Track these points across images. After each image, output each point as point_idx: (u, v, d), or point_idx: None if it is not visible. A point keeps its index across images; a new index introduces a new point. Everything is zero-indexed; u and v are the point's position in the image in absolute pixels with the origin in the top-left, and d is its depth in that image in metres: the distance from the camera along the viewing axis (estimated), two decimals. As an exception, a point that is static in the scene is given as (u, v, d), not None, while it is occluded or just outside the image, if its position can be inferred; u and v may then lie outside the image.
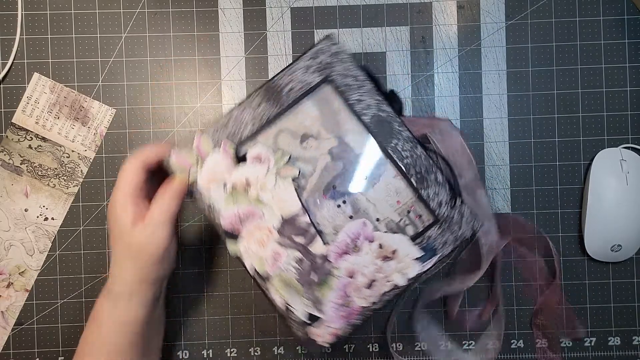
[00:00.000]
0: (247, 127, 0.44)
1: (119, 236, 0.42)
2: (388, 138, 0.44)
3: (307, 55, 0.44)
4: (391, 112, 0.44)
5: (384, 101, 0.44)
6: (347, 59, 0.44)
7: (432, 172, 0.44)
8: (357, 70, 0.44)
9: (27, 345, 0.51)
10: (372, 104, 0.44)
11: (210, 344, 0.51)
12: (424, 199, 0.44)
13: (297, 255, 0.44)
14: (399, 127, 0.44)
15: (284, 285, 0.44)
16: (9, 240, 0.51)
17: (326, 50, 0.44)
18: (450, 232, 0.44)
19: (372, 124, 0.44)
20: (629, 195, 0.49)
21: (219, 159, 0.44)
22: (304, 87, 0.44)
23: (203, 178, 0.43)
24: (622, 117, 0.52)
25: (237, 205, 0.43)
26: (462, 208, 0.44)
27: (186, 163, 0.43)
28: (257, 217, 0.44)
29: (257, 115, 0.44)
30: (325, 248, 0.44)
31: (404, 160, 0.44)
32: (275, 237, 0.44)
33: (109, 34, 0.51)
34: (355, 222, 0.44)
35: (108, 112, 0.51)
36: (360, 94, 0.44)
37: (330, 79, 0.44)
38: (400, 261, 0.43)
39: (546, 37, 0.52)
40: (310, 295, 0.44)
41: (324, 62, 0.44)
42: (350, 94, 0.44)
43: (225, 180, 0.44)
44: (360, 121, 0.44)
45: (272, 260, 0.44)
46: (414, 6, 0.52)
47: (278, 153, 0.44)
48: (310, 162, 0.45)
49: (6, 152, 0.51)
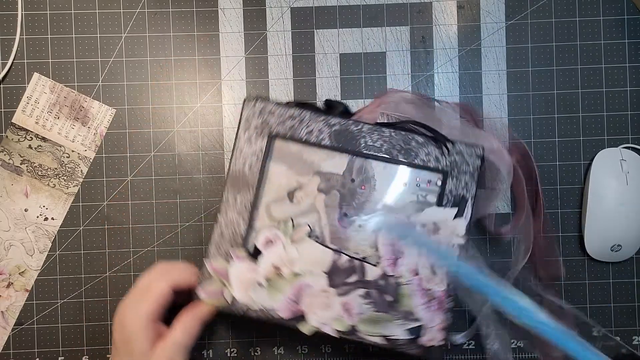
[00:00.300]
0: (240, 223, 0.44)
1: (130, 355, 0.40)
2: (354, 142, 0.45)
3: (240, 129, 0.45)
4: (340, 121, 0.45)
5: (327, 116, 0.45)
6: (275, 108, 0.45)
7: (410, 139, 0.45)
8: (288, 109, 0.45)
9: (27, 345, 0.51)
10: (320, 126, 0.45)
11: (210, 344, 0.51)
12: (421, 165, 0.44)
13: (361, 292, 0.44)
14: (355, 127, 0.45)
15: (372, 325, 0.44)
16: (9, 240, 0.51)
17: (253, 113, 0.45)
18: (464, 173, 0.44)
19: (334, 142, 0.45)
20: (629, 195, 0.49)
21: (239, 268, 0.44)
22: (259, 156, 0.45)
23: (238, 292, 0.44)
24: (622, 117, 0.52)
25: (282, 293, 0.44)
26: (457, 147, 0.44)
27: (216, 292, 0.44)
28: (306, 288, 0.44)
29: (240, 209, 0.45)
30: (378, 268, 0.44)
31: (382, 148, 0.45)
32: (333, 293, 0.44)
33: (109, 34, 0.51)
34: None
35: (108, 112, 0.51)
36: (306, 126, 0.45)
37: (274, 134, 0.45)
38: (445, 228, 0.44)
39: (546, 37, 0.52)
40: (398, 314, 0.44)
41: (258, 124, 0.45)
42: (298, 133, 0.45)
43: (256, 279, 0.44)
44: (322, 147, 0.45)
45: (346, 313, 0.44)
46: (414, 6, 0.52)
47: (280, 225, 0.44)
48: (311, 211, 0.45)
49: (6, 152, 0.51)
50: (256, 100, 0.45)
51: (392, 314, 0.44)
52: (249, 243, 0.44)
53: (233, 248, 0.44)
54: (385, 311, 0.44)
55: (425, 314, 0.44)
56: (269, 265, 0.44)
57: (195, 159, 0.51)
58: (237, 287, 0.44)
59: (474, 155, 0.44)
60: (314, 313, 0.44)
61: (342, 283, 0.44)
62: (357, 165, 0.45)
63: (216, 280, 0.44)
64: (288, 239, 0.44)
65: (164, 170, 0.51)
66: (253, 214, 0.45)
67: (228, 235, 0.44)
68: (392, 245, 0.44)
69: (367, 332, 0.44)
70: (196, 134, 0.52)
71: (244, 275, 0.44)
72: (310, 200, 0.45)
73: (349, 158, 0.45)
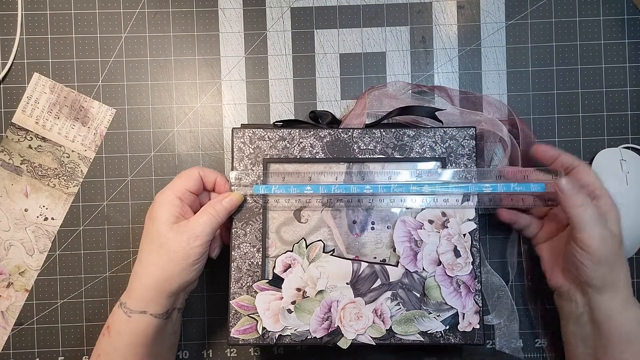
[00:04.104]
0: (254, 254, 0.45)
1: (154, 232, 0.42)
2: (348, 150, 0.45)
3: (235, 160, 0.45)
4: (330, 131, 0.45)
5: (316, 129, 0.45)
6: (263, 132, 0.45)
7: (401, 135, 0.45)
8: (277, 131, 0.45)
9: (27, 345, 0.51)
10: (311, 141, 0.45)
11: (210, 344, 0.51)
12: (418, 158, 0.45)
13: (388, 295, 0.44)
14: (345, 135, 0.45)
15: (407, 324, 0.44)
16: (9, 240, 0.51)
17: (243, 143, 0.45)
18: (462, 156, 0.45)
19: (328, 153, 0.45)
20: (629, 195, 0.49)
21: (264, 299, 0.44)
22: (259, 184, 0.45)
23: (269, 323, 0.44)
24: (622, 117, 0.51)
25: (311, 313, 0.44)
26: (449, 133, 0.45)
27: (249, 328, 0.44)
28: (334, 303, 0.44)
29: (251, 239, 0.45)
30: (400, 268, 0.44)
31: (376, 149, 0.45)
32: (362, 302, 0.44)
33: (109, 34, 0.51)
34: (397, 227, 0.45)
35: (108, 112, 0.51)
36: (298, 144, 0.45)
37: (268, 158, 0.45)
38: (455, 214, 0.44)
39: (546, 37, 0.52)
40: (430, 307, 0.44)
41: (251, 152, 0.45)
42: (291, 152, 0.45)
43: (284, 306, 0.44)
44: (317, 162, 0.45)
45: (378, 319, 0.44)
46: (414, 6, 0.52)
47: (295, 248, 0.45)
48: (321, 226, 0.45)
49: (6, 152, 0.51)
50: (244, 129, 0.45)
51: (424, 309, 0.44)
52: (268, 272, 0.45)
53: (254, 281, 0.44)
54: (417, 307, 0.44)
55: (457, 301, 0.44)
56: (293, 289, 0.44)
57: (195, 159, 0.51)
58: (267, 318, 0.44)
59: (467, 137, 0.45)
60: (349, 326, 0.44)
61: (368, 290, 0.44)
62: (355, 170, 0.45)
63: (245, 317, 0.44)
64: (305, 259, 0.44)
65: (164, 170, 0.51)
66: (265, 242, 0.45)
67: (245, 269, 0.45)
68: (410, 241, 0.44)
69: (403, 332, 0.44)
70: (196, 134, 0.52)
71: (271, 305, 0.44)
72: (317, 216, 0.45)
73: (346, 166, 0.45)
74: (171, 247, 0.41)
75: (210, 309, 0.51)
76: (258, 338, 0.43)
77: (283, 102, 0.52)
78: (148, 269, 0.42)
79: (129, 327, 0.42)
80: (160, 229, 0.42)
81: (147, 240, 0.42)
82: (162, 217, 0.42)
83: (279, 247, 0.45)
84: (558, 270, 0.45)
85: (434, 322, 0.44)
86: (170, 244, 0.41)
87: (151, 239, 0.42)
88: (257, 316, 0.44)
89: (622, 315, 0.42)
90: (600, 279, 0.41)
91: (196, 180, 0.44)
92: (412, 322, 0.44)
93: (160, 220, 0.42)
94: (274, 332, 0.43)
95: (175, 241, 0.41)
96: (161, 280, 0.41)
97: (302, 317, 0.44)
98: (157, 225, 0.42)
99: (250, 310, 0.44)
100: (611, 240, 0.41)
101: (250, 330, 0.44)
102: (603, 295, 0.42)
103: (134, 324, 0.42)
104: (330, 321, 0.44)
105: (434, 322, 0.44)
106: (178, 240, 0.41)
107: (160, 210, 0.42)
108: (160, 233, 0.41)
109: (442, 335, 0.44)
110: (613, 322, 0.41)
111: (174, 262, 0.41)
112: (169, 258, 0.41)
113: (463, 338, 0.44)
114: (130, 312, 0.42)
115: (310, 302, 0.44)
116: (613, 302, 0.42)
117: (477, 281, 0.44)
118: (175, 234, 0.41)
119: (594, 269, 0.41)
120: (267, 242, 0.45)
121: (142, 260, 0.42)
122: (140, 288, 0.42)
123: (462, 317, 0.44)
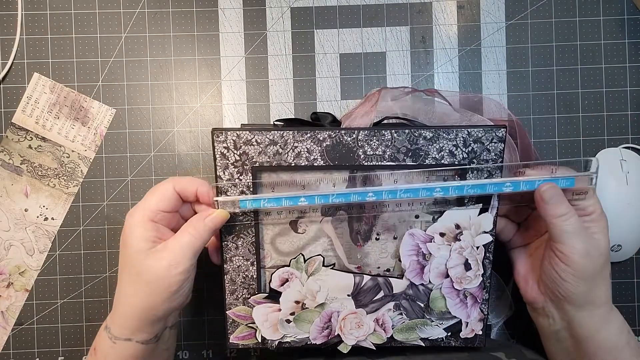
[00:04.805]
0: (248, 267, 0.42)
1: (128, 261, 0.37)
2: (351, 155, 0.39)
3: (218, 169, 0.40)
4: (330, 134, 0.39)
5: (314, 131, 0.39)
6: (250, 135, 0.39)
7: (417, 137, 0.39)
8: (267, 134, 0.39)
9: (27, 345, 0.51)
10: (308, 145, 0.39)
11: (210, 344, 0.51)
12: (434, 165, 0.39)
13: (390, 307, 0.42)
14: (349, 137, 0.39)
15: (408, 331, 0.43)
16: (9, 240, 0.51)
17: (226, 148, 0.40)
18: (485, 161, 0.39)
19: (328, 160, 0.39)
20: (629, 195, 0.49)
21: (262, 311, 0.42)
22: (247, 194, 0.40)
23: (267, 333, 0.42)
24: (622, 117, 0.51)
25: (311, 323, 0.42)
26: (474, 134, 0.38)
27: (248, 335, 0.42)
28: (335, 314, 0.42)
29: (244, 252, 0.42)
30: (404, 280, 0.42)
31: (385, 155, 0.39)
32: (363, 313, 0.42)
33: (109, 34, 0.51)
34: (405, 240, 0.41)
35: (108, 112, 0.51)
36: (292, 149, 0.39)
37: (257, 165, 0.40)
38: (470, 226, 0.41)
39: (546, 37, 0.52)
40: (434, 316, 0.42)
41: (237, 159, 0.40)
42: (284, 158, 0.40)
43: (283, 316, 0.42)
44: (315, 169, 0.40)
45: (379, 328, 0.42)
46: (414, 6, 0.52)
47: (292, 263, 0.42)
48: (320, 237, 0.42)
49: (6, 152, 0.51)
50: (226, 132, 0.39)
51: (427, 318, 0.42)
52: (264, 284, 0.42)
53: (250, 294, 0.42)
54: (419, 316, 0.42)
55: (462, 312, 0.42)
56: (291, 302, 0.42)
57: (195, 159, 0.51)
58: (265, 328, 0.42)
59: (495, 139, 0.38)
60: (349, 334, 0.42)
61: (370, 301, 0.42)
62: (360, 179, 0.40)
63: (243, 325, 0.43)
64: (303, 273, 0.42)
65: (164, 170, 0.51)
66: (259, 254, 0.42)
67: (240, 281, 0.42)
68: (417, 254, 0.42)
69: (404, 338, 0.42)
70: (196, 134, 0.52)
71: (269, 317, 0.42)
72: (316, 226, 0.42)
73: (349, 173, 0.40)
74: (150, 277, 0.37)
75: (210, 309, 0.51)
76: (257, 344, 0.42)
77: (283, 102, 0.52)
78: (128, 299, 0.38)
79: (115, 351, 0.38)
80: (134, 257, 0.37)
81: (124, 268, 0.38)
82: (135, 244, 0.37)
83: (274, 258, 0.42)
84: (533, 282, 0.42)
85: (435, 330, 0.42)
86: (148, 273, 0.37)
87: (128, 268, 0.38)
88: (255, 325, 0.43)
89: (604, 330, 0.39)
90: (581, 296, 0.38)
91: (170, 198, 0.39)
92: (414, 329, 0.43)
93: (134, 248, 0.37)
94: (273, 340, 0.43)
95: (154, 269, 0.36)
96: (145, 310, 0.37)
97: (301, 327, 0.42)
98: (131, 253, 0.37)
99: (248, 320, 0.42)
100: (597, 254, 0.38)
101: (249, 337, 0.43)
102: (582, 312, 0.39)
103: (119, 350, 0.38)
104: (331, 329, 0.42)
105: (436, 329, 0.42)
106: (156, 268, 0.36)
107: (132, 236, 0.37)
108: (136, 261, 0.37)
109: (443, 339, 0.43)
110: (595, 339, 0.39)
111: (155, 293, 0.37)
112: (149, 289, 0.37)
113: (464, 342, 0.43)
114: (115, 338, 0.38)
115: (310, 312, 0.42)
116: (592, 319, 0.39)
117: (485, 291, 0.42)
118: (153, 261, 0.37)
119: (576, 284, 0.38)
120: (262, 254, 0.42)
121: (121, 290, 0.38)
122: (123, 316, 0.38)
123: (466, 326, 0.43)
